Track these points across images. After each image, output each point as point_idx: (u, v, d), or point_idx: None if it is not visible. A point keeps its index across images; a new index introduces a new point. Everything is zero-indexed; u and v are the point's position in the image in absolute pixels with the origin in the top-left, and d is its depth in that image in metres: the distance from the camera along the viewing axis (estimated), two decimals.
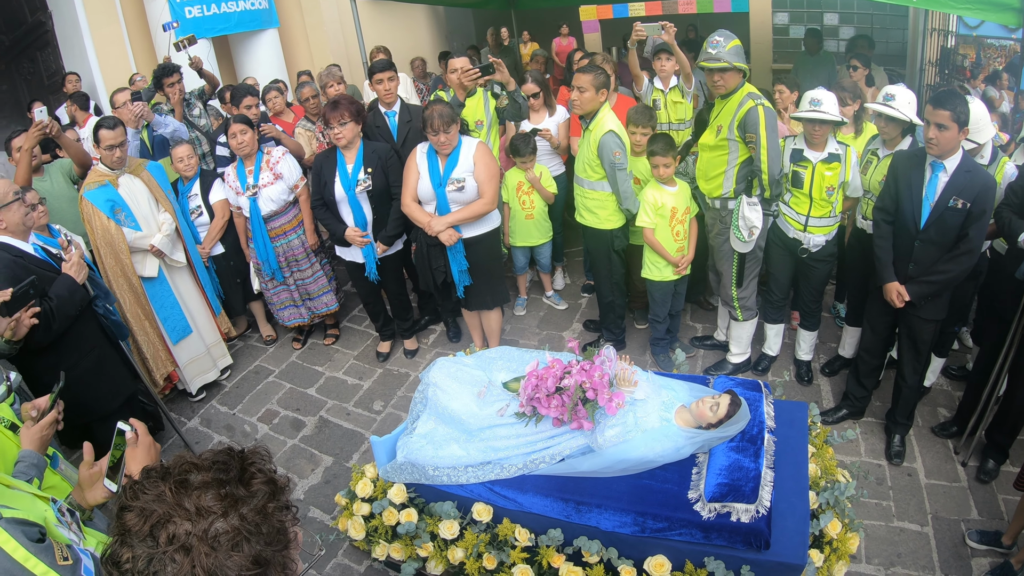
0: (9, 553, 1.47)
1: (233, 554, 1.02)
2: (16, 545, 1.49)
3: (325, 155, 4.14)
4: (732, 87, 3.63)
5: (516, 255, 5.01)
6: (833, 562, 2.55)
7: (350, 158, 4.08)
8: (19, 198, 2.96)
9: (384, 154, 4.13)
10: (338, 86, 5.00)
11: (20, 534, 1.52)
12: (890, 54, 7.35)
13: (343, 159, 4.08)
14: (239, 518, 1.04)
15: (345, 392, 4.50)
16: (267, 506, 1.08)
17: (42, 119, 3.86)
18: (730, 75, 3.59)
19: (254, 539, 1.04)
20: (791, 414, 2.94)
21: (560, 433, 2.69)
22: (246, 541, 1.03)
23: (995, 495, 3.34)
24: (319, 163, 4.14)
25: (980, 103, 3.34)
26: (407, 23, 9.28)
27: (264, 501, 1.08)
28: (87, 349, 3.20)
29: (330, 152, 4.14)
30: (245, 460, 1.13)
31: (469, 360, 3.19)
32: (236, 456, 1.13)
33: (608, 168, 3.87)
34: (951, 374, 4.17)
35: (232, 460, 1.11)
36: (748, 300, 4.05)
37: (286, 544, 1.12)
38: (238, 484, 1.08)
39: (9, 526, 1.52)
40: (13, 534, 1.51)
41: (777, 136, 3.57)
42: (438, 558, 2.76)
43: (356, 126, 4.02)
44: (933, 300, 3.27)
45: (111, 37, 6.87)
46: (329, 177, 4.10)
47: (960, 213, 3.05)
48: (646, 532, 2.48)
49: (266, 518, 1.07)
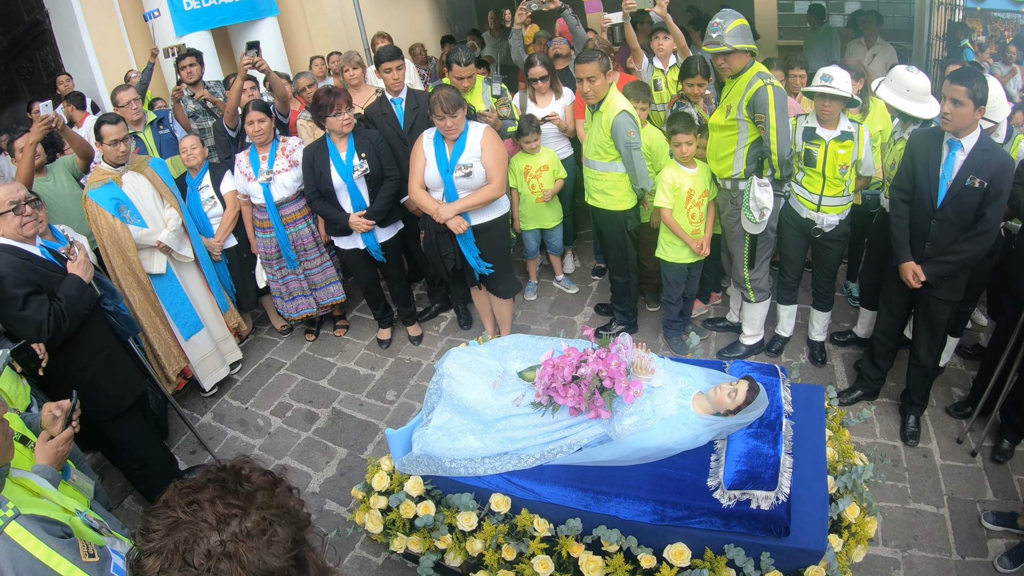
0: (30, 551, 1.46)
1: (272, 542, 1.05)
2: (37, 542, 1.48)
3: (316, 147, 4.13)
4: (738, 68, 3.57)
5: (527, 239, 4.98)
6: (852, 546, 2.55)
7: (342, 146, 4.10)
8: (13, 208, 2.93)
9: (374, 139, 4.18)
10: (354, 71, 4.93)
11: (41, 530, 1.51)
12: (897, 29, 7.23)
13: (335, 148, 4.09)
14: (258, 509, 1.08)
15: (357, 383, 4.50)
16: (275, 492, 1.13)
17: (47, 113, 3.83)
18: (735, 57, 3.53)
19: (281, 522, 1.08)
20: (808, 398, 2.93)
21: (577, 422, 2.68)
22: (277, 526, 1.07)
23: (1010, 476, 3.33)
24: (310, 155, 4.12)
25: (996, 81, 3.29)
26: (407, 8, 9.17)
27: (271, 489, 1.13)
28: (97, 349, 3.19)
29: (320, 143, 4.13)
30: (234, 466, 1.17)
31: (483, 350, 3.18)
32: (224, 467, 1.17)
33: (623, 148, 3.83)
34: (965, 353, 4.15)
35: (223, 470, 1.15)
36: (760, 282, 4.02)
37: (308, 521, 1.16)
38: (240, 485, 1.12)
39: (29, 523, 1.50)
40: (33, 531, 1.49)
41: (787, 116, 3.52)
42: (457, 550, 2.77)
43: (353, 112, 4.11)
44: (950, 281, 3.24)
45: (109, 34, 6.81)
46: (324, 167, 4.09)
47: (977, 192, 3.01)
48: (666, 520, 2.48)
49: (281, 502, 1.12)
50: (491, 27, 8.49)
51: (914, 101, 3.50)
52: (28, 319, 2.86)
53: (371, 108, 4.45)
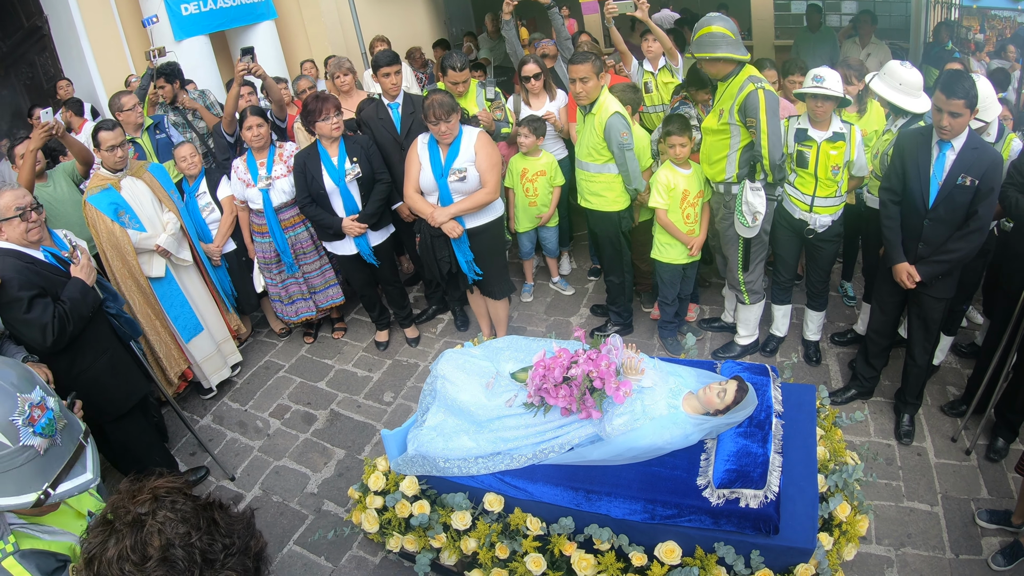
0: None
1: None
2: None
3: (307, 152, 4.17)
4: (723, 74, 3.57)
5: (522, 240, 5.00)
6: (843, 545, 2.57)
7: (333, 151, 4.14)
8: (20, 213, 2.96)
9: (364, 143, 4.23)
10: (344, 77, 4.97)
11: (34, 568, 1.54)
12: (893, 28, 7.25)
13: (326, 153, 4.13)
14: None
15: (355, 384, 4.53)
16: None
17: (48, 120, 3.87)
18: (716, 63, 3.52)
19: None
20: (799, 397, 2.95)
21: (569, 423, 2.70)
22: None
23: (1004, 474, 3.34)
24: (302, 161, 4.16)
25: (986, 81, 3.30)
26: (405, 11, 9.21)
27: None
28: (101, 351, 3.23)
29: (311, 149, 4.17)
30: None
31: (477, 351, 3.21)
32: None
33: (616, 150, 3.86)
34: (960, 352, 4.16)
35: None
36: (754, 284, 4.03)
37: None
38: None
39: (23, 560, 1.54)
40: (27, 567, 1.53)
41: (778, 120, 3.52)
42: (451, 549, 2.80)
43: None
44: (943, 279, 3.25)
45: (108, 39, 6.84)
46: (316, 172, 4.13)
47: (968, 191, 3.03)
48: (656, 519, 2.50)
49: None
50: (488, 30, 8.51)
51: (906, 95, 3.51)
52: (33, 322, 2.90)
53: (367, 112, 4.48)
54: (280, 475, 3.85)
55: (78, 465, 1.63)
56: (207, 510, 1.18)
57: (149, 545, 1.07)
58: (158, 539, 1.08)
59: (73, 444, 1.64)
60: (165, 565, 1.08)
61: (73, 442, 1.64)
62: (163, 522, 1.10)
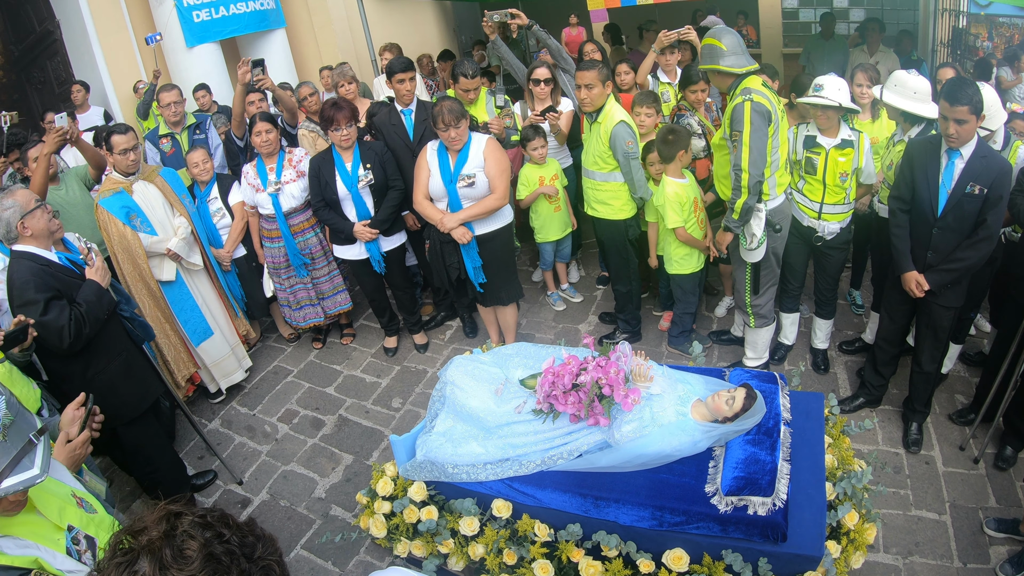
0: None
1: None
2: None
3: (322, 157, 4.23)
4: (725, 86, 3.51)
5: (544, 251, 4.95)
6: (850, 553, 2.57)
7: (348, 157, 4.19)
8: (41, 204, 3.01)
9: (379, 150, 4.27)
10: (349, 85, 5.01)
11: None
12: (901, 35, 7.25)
13: (340, 159, 4.18)
14: None
15: (363, 390, 4.55)
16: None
17: (62, 125, 3.91)
18: (719, 76, 3.47)
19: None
20: (807, 405, 2.95)
21: (577, 429, 2.72)
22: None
23: (1013, 483, 3.33)
24: (316, 165, 4.22)
25: (991, 88, 3.31)
26: (414, 19, 9.26)
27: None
28: (115, 354, 3.25)
29: (326, 154, 4.23)
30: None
31: (486, 357, 3.23)
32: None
33: (622, 158, 3.87)
34: (968, 360, 4.15)
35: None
36: (763, 308, 3.90)
37: None
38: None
39: None
40: None
41: (764, 136, 3.36)
42: (459, 554, 2.81)
43: (355, 126, 4.19)
44: (952, 288, 3.25)
45: (119, 44, 6.91)
46: (329, 177, 4.18)
47: (977, 199, 3.03)
48: (664, 526, 2.51)
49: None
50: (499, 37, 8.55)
51: (920, 102, 3.51)
52: (50, 324, 2.91)
53: (380, 117, 4.51)
54: (288, 479, 3.87)
55: (26, 460, 1.66)
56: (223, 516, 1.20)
57: (187, 549, 1.08)
58: (194, 542, 1.09)
59: (22, 441, 1.67)
60: (212, 562, 1.08)
61: (22, 439, 1.67)
62: (191, 527, 1.11)
